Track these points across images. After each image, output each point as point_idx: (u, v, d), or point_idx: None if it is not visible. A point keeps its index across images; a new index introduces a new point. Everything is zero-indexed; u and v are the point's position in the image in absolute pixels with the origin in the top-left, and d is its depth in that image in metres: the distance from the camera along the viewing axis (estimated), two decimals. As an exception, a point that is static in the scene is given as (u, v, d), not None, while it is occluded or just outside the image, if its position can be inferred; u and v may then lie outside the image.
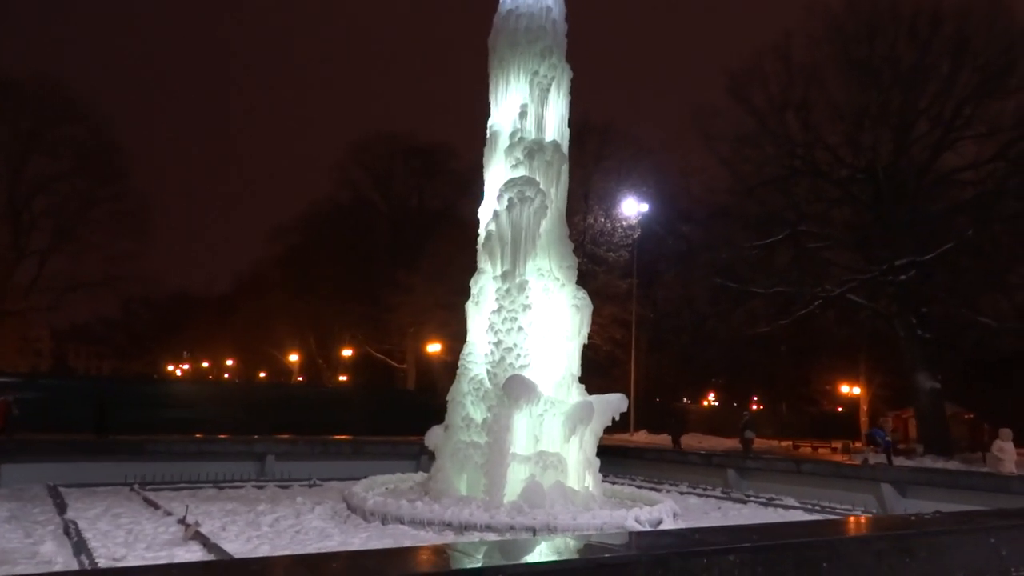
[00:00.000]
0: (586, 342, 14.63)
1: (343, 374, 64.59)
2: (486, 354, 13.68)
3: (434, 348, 48.19)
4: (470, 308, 14.54)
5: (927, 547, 6.09)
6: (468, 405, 13.66)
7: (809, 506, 16.47)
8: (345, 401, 38.66)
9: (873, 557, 5.68)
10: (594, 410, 13.57)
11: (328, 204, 59.25)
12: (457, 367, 14.47)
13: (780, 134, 33.53)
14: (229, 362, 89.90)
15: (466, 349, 14.31)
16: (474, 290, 14.55)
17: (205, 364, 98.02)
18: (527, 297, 13.70)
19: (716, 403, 60.07)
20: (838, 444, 36.21)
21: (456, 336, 48.34)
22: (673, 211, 39.33)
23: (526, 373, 13.30)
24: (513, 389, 12.90)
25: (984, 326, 28.52)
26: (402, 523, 11.68)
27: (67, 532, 10.06)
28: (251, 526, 11.62)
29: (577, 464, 13.48)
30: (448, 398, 14.22)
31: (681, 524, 12.70)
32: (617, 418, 14.24)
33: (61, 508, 11.96)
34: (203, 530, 10.52)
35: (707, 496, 17.95)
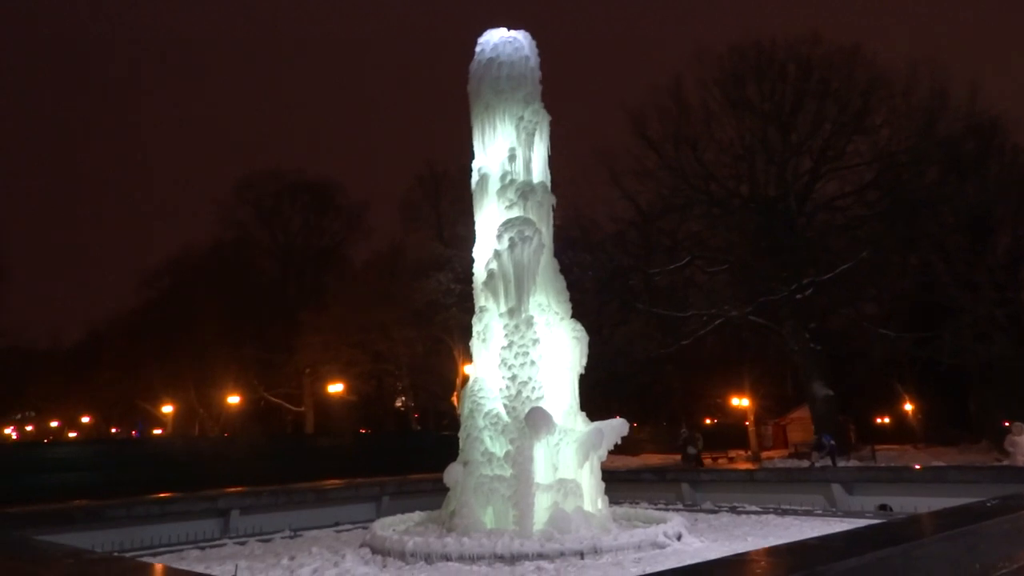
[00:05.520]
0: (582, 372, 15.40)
1: (226, 423, 61.29)
2: (501, 389, 14.11)
3: (336, 388, 47.19)
4: (476, 345, 14.94)
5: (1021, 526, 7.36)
6: (487, 440, 14.00)
7: (772, 509, 17.95)
8: (248, 451, 36.92)
9: (1003, 536, 6.84)
10: (604, 435, 14.32)
11: (207, 244, 56.79)
12: (465, 404, 14.76)
13: (676, 168, 36.20)
14: (85, 419, 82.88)
15: (476, 385, 14.64)
16: (478, 327, 14.96)
17: (55, 424, 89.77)
18: (535, 332, 14.32)
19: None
20: (738, 453, 38.85)
21: (362, 376, 47.71)
22: (578, 241, 41.00)
23: (541, 404, 13.87)
24: (535, 421, 13.43)
25: (881, 336, 31.92)
26: (449, 560, 11.85)
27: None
28: (299, 580, 11.40)
29: (590, 488, 14.15)
30: (461, 435, 14.48)
31: (698, 536, 13.67)
32: (620, 442, 15.05)
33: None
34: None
35: (676, 510, 19.05)
